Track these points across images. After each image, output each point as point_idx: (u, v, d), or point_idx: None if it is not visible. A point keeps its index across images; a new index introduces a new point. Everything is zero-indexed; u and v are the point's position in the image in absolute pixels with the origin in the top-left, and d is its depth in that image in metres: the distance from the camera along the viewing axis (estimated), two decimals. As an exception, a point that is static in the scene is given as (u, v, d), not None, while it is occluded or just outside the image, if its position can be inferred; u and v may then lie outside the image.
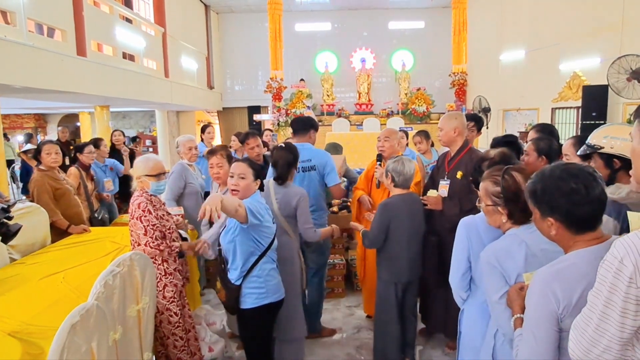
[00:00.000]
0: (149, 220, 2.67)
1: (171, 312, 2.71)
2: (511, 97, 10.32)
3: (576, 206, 1.32)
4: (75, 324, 1.62)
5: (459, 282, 2.12)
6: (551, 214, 1.36)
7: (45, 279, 2.73)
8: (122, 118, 16.27)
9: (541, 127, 3.23)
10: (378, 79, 13.64)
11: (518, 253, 1.71)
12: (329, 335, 3.71)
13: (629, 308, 1.04)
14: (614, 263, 1.06)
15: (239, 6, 13.10)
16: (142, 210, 2.68)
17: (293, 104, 12.18)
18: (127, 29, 8.49)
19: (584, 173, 1.34)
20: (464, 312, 2.16)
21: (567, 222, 1.34)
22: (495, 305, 1.73)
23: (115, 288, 2.07)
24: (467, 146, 3.28)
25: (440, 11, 12.98)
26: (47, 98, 7.56)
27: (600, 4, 7.47)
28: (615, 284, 1.05)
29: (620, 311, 1.05)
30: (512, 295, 1.63)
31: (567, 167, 1.39)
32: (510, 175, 1.81)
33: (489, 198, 1.89)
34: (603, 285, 1.09)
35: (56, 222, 3.76)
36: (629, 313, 1.04)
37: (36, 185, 3.82)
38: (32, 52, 5.45)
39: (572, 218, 1.33)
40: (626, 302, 1.04)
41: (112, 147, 6.57)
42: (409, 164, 2.95)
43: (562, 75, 8.42)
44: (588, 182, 1.32)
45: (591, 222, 1.34)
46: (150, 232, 2.66)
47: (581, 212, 1.32)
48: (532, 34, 9.58)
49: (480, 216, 2.06)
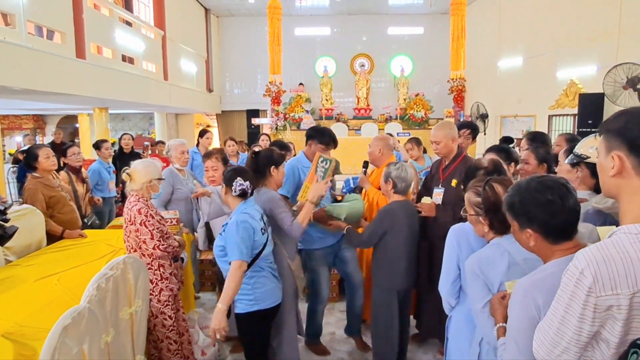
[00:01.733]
0: (153, 224, 2.69)
1: (165, 316, 2.73)
2: (509, 104, 10.38)
3: (552, 217, 1.37)
4: (66, 326, 1.64)
5: (449, 289, 2.14)
6: (529, 225, 1.41)
7: (40, 281, 2.74)
8: (121, 120, 16.30)
9: (533, 135, 3.26)
10: (377, 84, 13.70)
11: (501, 262, 1.75)
12: (321, 354, 3.55)
13: (586, 315, 1.11)
14: (575, 273, 1.12)
15: (239, 10, 13.16)
16: (144, 215, 2.68)
17: (292, 108, 12.22)
18: (127, 32, 8.53)
19: (558, 185, 1.40)
20: (452, 318, 2.18)
21: (545, 232, 1.39)
22: (479, 313, 1.77)
23: (108, 291, 2.09)
24: (462, 154, 3.31)
25: (439, 17, 13.05)
26: (46, 100, 7.58)
27: (597, 13, 7.53)
28: (575, 292, 1.12)
29: (578, 317, 1.11)
30: (494, 304, 1.66)
31: (542, 179, 1.44)
32: (490, 186, 1.86)
33: (472, 208, 1.95)
34: (565, 292, 1.15)
35: (50, 230, 3.71)
36: (586, 319, 1.11)
37: (29, 193, 3.75)
38: (32, 54, 5.48)
39: (549, 228, 1.39)
40: (584, 309, 1.10)
41: (120, 150, 6.56)
42: (410, 170, 2.97)
43: (559, 82, 8.47)
44: (562, 193, 1.38)
45: (567, 231, 1.40)
46: (156, 235, 2.68)
47: (557, 222, 1.38)
48: (529, 42, 9.65)
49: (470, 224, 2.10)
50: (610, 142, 1.16)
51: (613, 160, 1.15)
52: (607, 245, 1.11)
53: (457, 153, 3.28)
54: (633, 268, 1.07)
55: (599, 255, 1.10)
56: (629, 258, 1.07)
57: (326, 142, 3.38)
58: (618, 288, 1.07)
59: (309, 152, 3.48)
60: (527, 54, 9.75)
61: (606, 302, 1.08)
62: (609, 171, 1.16)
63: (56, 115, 15.90)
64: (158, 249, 2.67)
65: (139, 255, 2.70)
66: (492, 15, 11.25)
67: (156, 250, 2.67)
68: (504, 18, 10.74)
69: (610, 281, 1.07)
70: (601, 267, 1.08)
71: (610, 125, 1.17)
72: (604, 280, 1.08)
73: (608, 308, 1.09)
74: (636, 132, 1.10)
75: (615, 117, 1.17)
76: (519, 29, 10.09)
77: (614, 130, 1.15)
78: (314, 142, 3.42)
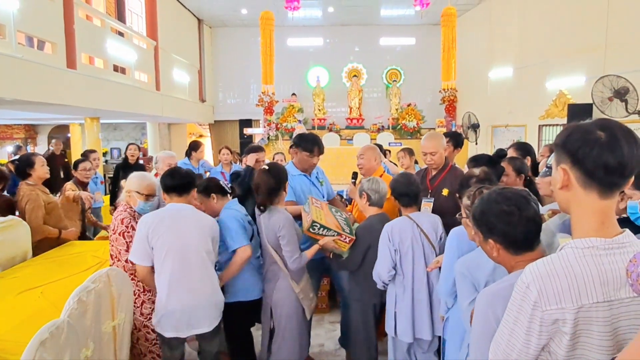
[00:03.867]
0: (132, 236, 2.67)
1: (149, 329, 2.70)
2: (500, 114, 10.47)
3: (511, 227, 1.40)
4: (44, 341, 1.62)
5: (448, 289, 2.20)
6: (490, 235, 1.45)
7: (23, 294, 2.71)
8: (113, 130, 16.24)
9: (518, 145, 3.32)
10: (369, 94, 13.77)
11: (487, 264, 1.82)
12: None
13: (533, 328, 1.12)
14: (522, 287, 1.14)
15: (232, 20, 13.23)
16: (125, 226, 2.69)
17: (284, 118, 12.25)
18: (119, 42, 8.53)
19: (517, 196, 1.43)
20: (449, 320, 2.23)
21: (505, 242, 1.42)
22: (465, 310, 1.85)
23: (89, 304, 2.07)
24: (449, 164, 3.33)
25: (430, 28, 13.18)
26: (36, 110, 7.56)
27: (584, 25, 7.64)
28: (522, 306, 1.13)
29: (525, 330, 1.13)
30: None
31: (502, 191, 1.48)
32: (480, 192, 1.90)
33: (464, 210, 2.02)
34: (513, 305, 1.17)
35: (48, 235, 3.75)
36: (533, 332, 1.12)
37: (30, 198, 3.69)
38: (22, 65, 5.47)
39: (508, 239, 1.41)
40: (531, 323, 1.12)
41: (125, 160, 6.47)
42: (382, 181, 2.98)
43: (548, 93, 8.56)
44: (521, 204, 1.41)
45: (527, 242, 1.42)
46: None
47: (516, 232, 1.40)
48: (519, 53, 9.76)
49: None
50: (558, 155, 1.17)
51: (560, 173, 1.15)
52: (553, 260, 1.13)
53: (445, 163, 3.31)
54: (576, 283, 1.08)
55: (544, 270, 1.11)
56: (573, 273, 1.09)
57: (309, 149, 3.35)
58: (562, 302, 1.08)
59: (296, 161, 3.47)
60: (517, 65, 9.86)
61: (552, 316, 1.09)
62: (557, 184, 1.17)
63: (47, 125, 15.82)
64: (131, 263, 2.63)
65: (121, 264, 2.68)
66: (483, 27, 11.38)
67: (128, 263, 2.64)
68: (494, 29, 10.87)
69: (555, 296, 1.08)
70: (545, 282, 1.10)
71: (558, 140, 1.18)
72: (549, 295, 1.09)
73: (554, 322, 1.10)
74: (577, 145, 1.11)
75: (562, 132, 1.18)
76: (508, 40, 10.21)
77: (560, 144, 1.16)
78: (298, 150, 3.40)
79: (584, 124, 1.14)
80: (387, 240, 2.65)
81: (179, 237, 2.48)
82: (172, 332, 2.48)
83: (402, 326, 2.67)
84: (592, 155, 1.08)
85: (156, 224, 2.46)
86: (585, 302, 1.07)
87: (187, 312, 2.47)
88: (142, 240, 2.46)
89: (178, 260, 2.46)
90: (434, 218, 2.80)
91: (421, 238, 2.67)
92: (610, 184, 1.10)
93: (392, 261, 2.63)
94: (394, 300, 2.71)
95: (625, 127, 1.12)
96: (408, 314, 2.65)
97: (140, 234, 2.47)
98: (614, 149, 1.07)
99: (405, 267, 2.66)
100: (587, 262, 1.09)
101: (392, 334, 2.73)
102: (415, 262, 2.65)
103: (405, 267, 2.66)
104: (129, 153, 6.37)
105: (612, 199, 1.13)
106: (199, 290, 2.50)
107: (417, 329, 2.65)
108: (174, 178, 2.61)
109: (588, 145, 1.09)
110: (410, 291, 2.66)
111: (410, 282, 2.66)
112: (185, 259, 2.48)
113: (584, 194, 1.13)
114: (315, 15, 12.74)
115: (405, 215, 2.75)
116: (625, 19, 6.80)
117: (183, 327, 2.48)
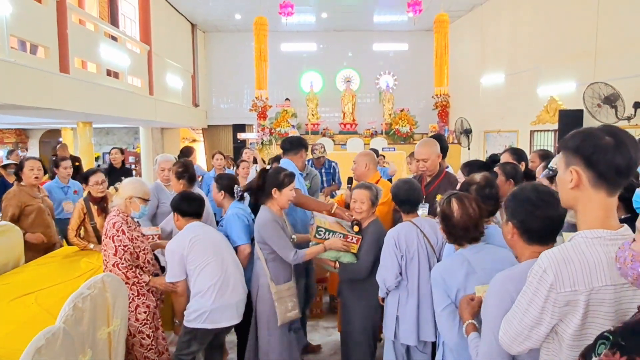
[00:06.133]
0: (122, 240, 2.68)
1: (144, 335, 2.69)
2: (492, 119, 10.56)
3: (530, 217, 1.50)
4: (40, 348, 1.61)
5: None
6: (511, 218, 1.55)
7: (17, 300, 2.69)
8: (106, 134, 16.16)
9: (512, 150, 3.36)
10: (362, 99, 13.83)
11: (459, 271, 1.91)
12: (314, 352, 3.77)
13: (547, 308, 1.24)
14: (539, 272, 1.26)
15: (226, 26, 13.24)
16: (116, 229, 2.69)
17: (278, 123, 12.26)
18: (112, 47, 8.51)
19: (549, 194, 1.53)
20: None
21: (521, 229, 1.53)
22: (439, 315, 1.94)
23: (84, 310, 2.06)
24: (444, 171, 3.36)
25: (423, 34, 13.28)
26: (29, 114, 7.50)
27: (575, 32, 7.75)
28: (539, 288, 1.26)
29: (540, 310, 1.25)
30: (462, 304, 1.78)
31: (540, 186, 1.59)
32: (448, 201, 2.03)
33: (439, 217, 2.11)
34: (529, 288, 1.29)
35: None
36: (547, 312, 1.25)
37: (5, 198, 3.82)
38: (14, 69, 5.44)
39: (525, 227, 1.52)
40: (546, 303, 1.24)
41: (110, 166, 6.41)
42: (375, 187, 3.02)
43: (539, 99, 8.65)
44: (549, 201, 1.50)
45: (542, 237, 1.52)
46: (120, 252, 2.66)
47: (533, 224, 1.51)
48: (511, 59, 9.87)
49: None
50: (569, 158, 1.28)
51: (572, 174, 1.26)
52: (567, 248, 1.25)
53: (439, 170, 3.33)
54: (588, 268, 1.21)
55: (560, 256, 1.24)
56: (585, 259, 1.22)
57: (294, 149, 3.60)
58: (576, 285, 1.21)
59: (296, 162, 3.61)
60: (508, 71, 9.96)
61: (566, 297, 1.22)
62: (568, 184, 1.28)
63: (39, 130, 15.70)
64: (117, 267, 2.64)
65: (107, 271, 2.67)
66: (475, 33, 11.50)
67: (115, 268, 2.64)
68: (486, 36, 10.99)
69: (570, 279, 1.21)
70: (561, 267, 1.22)
71: (568, 144, 1.29)
72: (564, 278, 1.21)
73: (567, 303, 1.22)
74: (590, 150, 1.23)
75: (573, 136, 1.29)
76: (500, 46, 10.32)
77: (572, 147, 1.27)
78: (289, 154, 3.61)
79: (591, 131, 1.26)
80: (394, 247, 2.65)
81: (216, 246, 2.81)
82: (225, 322, 2.76)
83: (404, 329, 2.68)
84: (605, 159, 1.21)
85: (192, 245, 2.73)
86: (595, 285, 1.20)
87: (234, 304, 2.78)
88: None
89: (219, 264, 2.76)
90: (433, 222, 2.82)
91: (425, 243, 2.69)
92: (617, 183, 1.25)
93: (398, 267, 2.64)
94: (396, 305, 2.71)
95: (628, 133, 1.25)
96: (413, 318, 2.66)
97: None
98: (622, 152, 1.20)
99: (411, 272, 2.68)
100: (596, 250, 1.22)
101: (391, 337, 2.74)
102: (420, 267, 2.67)
103: (411, 272, 2.68)
104: (111, 157, 6.34)
105: (615, 196, 1.27)
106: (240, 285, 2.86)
107: (421, 331, 2.67)
108: (191, 205, 2.88)
109: (601, 150, 1.21)
110: (415, 295, 2.66)
111: (416, 286, 2.67)
112: (224, 262, 2.79)
113: (593, 192, 1.25)
114: (309, 20, 12.80)
115: (408, 221, 2.76)
116: (615, 26, 6.90)
117: (235, 317, 2.80)
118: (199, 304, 2.68)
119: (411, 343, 2.69)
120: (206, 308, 2.66)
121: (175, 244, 2.75)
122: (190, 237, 2.73)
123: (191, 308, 2.71)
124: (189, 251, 2.69)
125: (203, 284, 2.69)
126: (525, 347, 1.32)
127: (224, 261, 2.77)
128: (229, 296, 2.73)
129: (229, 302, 2.73)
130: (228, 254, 2.85)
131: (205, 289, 2.68)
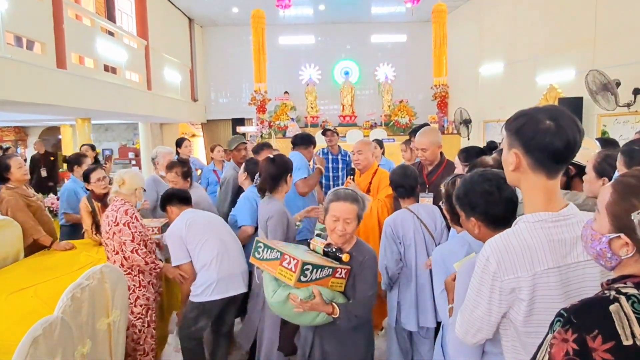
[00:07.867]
0: (137, 227, 2.72)
1: (135, 329, 2.69)
2: (491, 109, 10.51)
3: (491, 205, 1.52)
4: (37, 338, 1.61)
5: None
6: (473, 213, 1.56)
7: (16, 293, 2.70)
8: (105, 130, 16.14)
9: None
10: (361, 91, 13.78)
11: (460, 252, 1.91)
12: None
13: (494, 297, 1.24)
14: (483, 260, 1.26)
15: (223, 20, 13.18)
16: (129, 216, 2.71)
17: (277, 116, 12.23)
18: (109, 42, 8.48)
19: (497, 177, 1.55)
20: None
21: (486, 220, 1.54)
22: (438, 298, 1.96)
23: (83, 301, 2.06)
24: (445, 160, 3.35)
25: (421, 25, 13.20)
26: (26, 111, 7.49)
27: (573, 20, 7.70)
28: (483, 277, 1.26)
29: (487, 299, 1.25)
30: (448, 285, 1.80)
31: (483, 172, 1.60)
32: (453, 182, 2.01)
33: (444, 198, 2.10)
34: (475, 278, 1.30)
35: (39, 239, 3.62)
36: (494, 301, 1.25)
37: (9, 205, 3.59)
38: (10, 65, 5.42)
39: (489, 216, 1.53)
40: (491, 293, 1.24)
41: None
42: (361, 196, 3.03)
43: (539, 87, 8.61)
44: (500, 184, 1.52)
45: (506, 217, 1.53)
46: (137, 238, 2.70)
47: (495, 210, 1.52)
48: (509, 48, 9.81)
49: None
50: (511, 140, 1.28)
51: (513, 156, 1.27)
52: (509, 235, 1.26)
53: (441, 159, 3.32)
54: (529, 253, 1.21)
55: (502, 244, 1.24)
56: (526, 244, 1.22)
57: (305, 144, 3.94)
58: (518, 272, 1.21)
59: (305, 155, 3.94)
60: (507, 60, 9.91)
61: (509, 284, 1.22)
62: (510, 166, 1.29)
63: (38, 127, 15.69)
64: (136, 253, 2.67)
65: (120, 258, 2.67)
66: (473, 23, 11.42)
67: (134, 254, 2.67)
68: (484, 25, 10.92)
69: (512, 266, 1.21)
70: (503, 254, 1.22)
71: (511, 125, 1.29)
72: (507, 266, 1.22)
73: (512, 291, 1.22)
74: (530, 134, 1.23)
75: (516, 118, 1.29)
76: (498, 35, 10.25)
77: (513, 130, 1.28)
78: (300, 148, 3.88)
79: (534, 113, 1.26)
80: (391, 233, 2.68)
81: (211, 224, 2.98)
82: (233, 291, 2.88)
83: (405, 315, 2.70)
84: (542, 144, 1.21)
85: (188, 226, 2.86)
86: (537, 269, 1.20)
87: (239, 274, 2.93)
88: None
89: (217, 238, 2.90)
90: (431, 208, 2.82)
91: (422, 229, 2.69)
92: (556, 168, 1.25)
93: (398, 253, 2.67)
94: (396, 291, 2.73)
95: (571, 115, 1.23)
96: (412, 304, 2.67)
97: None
98: (561, 137, 1.20)
99: (409, 258, 2.70)
100: (537, 234, 1.22)
101: (393, 324, 2.76)
102: (417, 253, 2.68)
103: (409, 258, 2.70)
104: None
105: (557, 179, 1.27)
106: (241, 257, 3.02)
107: (421, 317, 2.68)
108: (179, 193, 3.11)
109: (539, 134, 1.21)
110: (414, 281, 2.68)
111: (414, 272, 2.68)
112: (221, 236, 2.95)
113: (533, 175, 1.26)
114: (307, 13, 12.72)
115: (405, 208, 2.76)
116: (614, 13, 6.85)
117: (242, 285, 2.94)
118: (204, 277, 2.79)
119: (412, 329, 2.71)
120: (213, 279, 2.77)
121: (173, 228, 2.87)
122: (185, 219, 2.87)
123: (198, 282, 2.81)
124: (187, 232, 2.80)
125: (206, 258, 2.80)
126: (479, 339, 1.32)
127: (221, 236, 2.90)
128: (232, 266, 2.85)
129: (234, 271, 2.85)
130: (224, 230, 2.99)
131: (208, 262, 2.79)
